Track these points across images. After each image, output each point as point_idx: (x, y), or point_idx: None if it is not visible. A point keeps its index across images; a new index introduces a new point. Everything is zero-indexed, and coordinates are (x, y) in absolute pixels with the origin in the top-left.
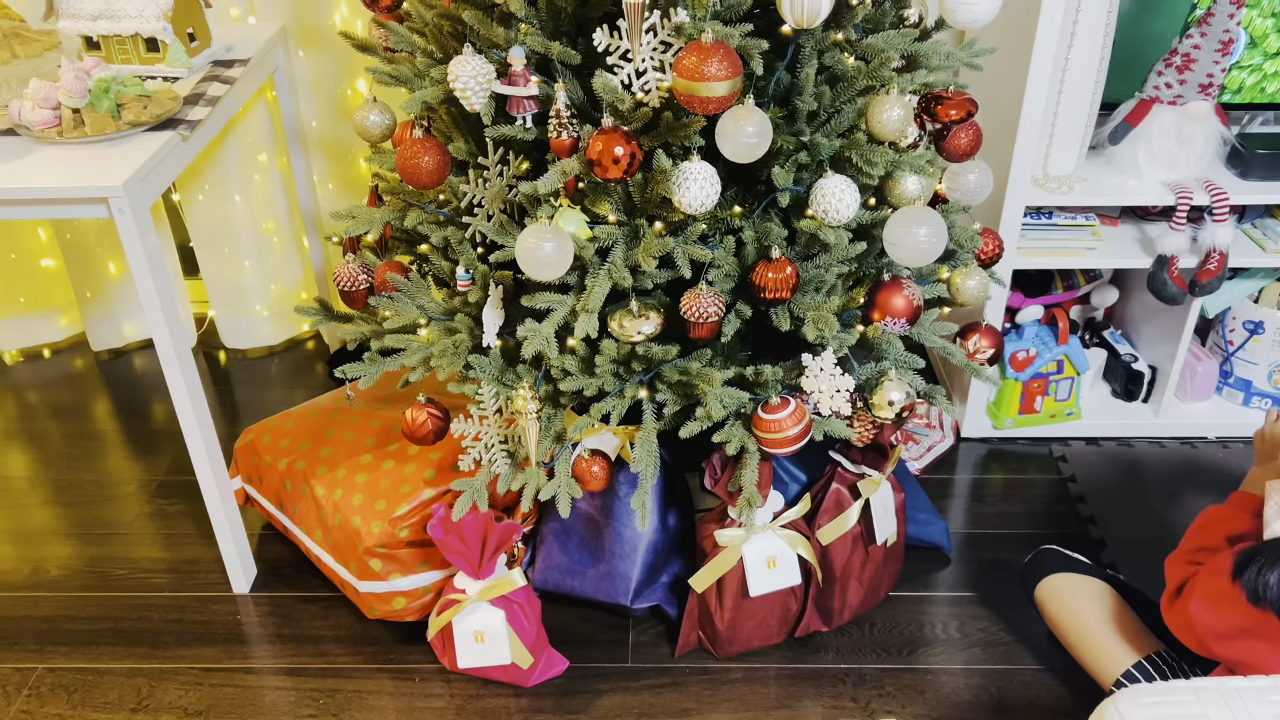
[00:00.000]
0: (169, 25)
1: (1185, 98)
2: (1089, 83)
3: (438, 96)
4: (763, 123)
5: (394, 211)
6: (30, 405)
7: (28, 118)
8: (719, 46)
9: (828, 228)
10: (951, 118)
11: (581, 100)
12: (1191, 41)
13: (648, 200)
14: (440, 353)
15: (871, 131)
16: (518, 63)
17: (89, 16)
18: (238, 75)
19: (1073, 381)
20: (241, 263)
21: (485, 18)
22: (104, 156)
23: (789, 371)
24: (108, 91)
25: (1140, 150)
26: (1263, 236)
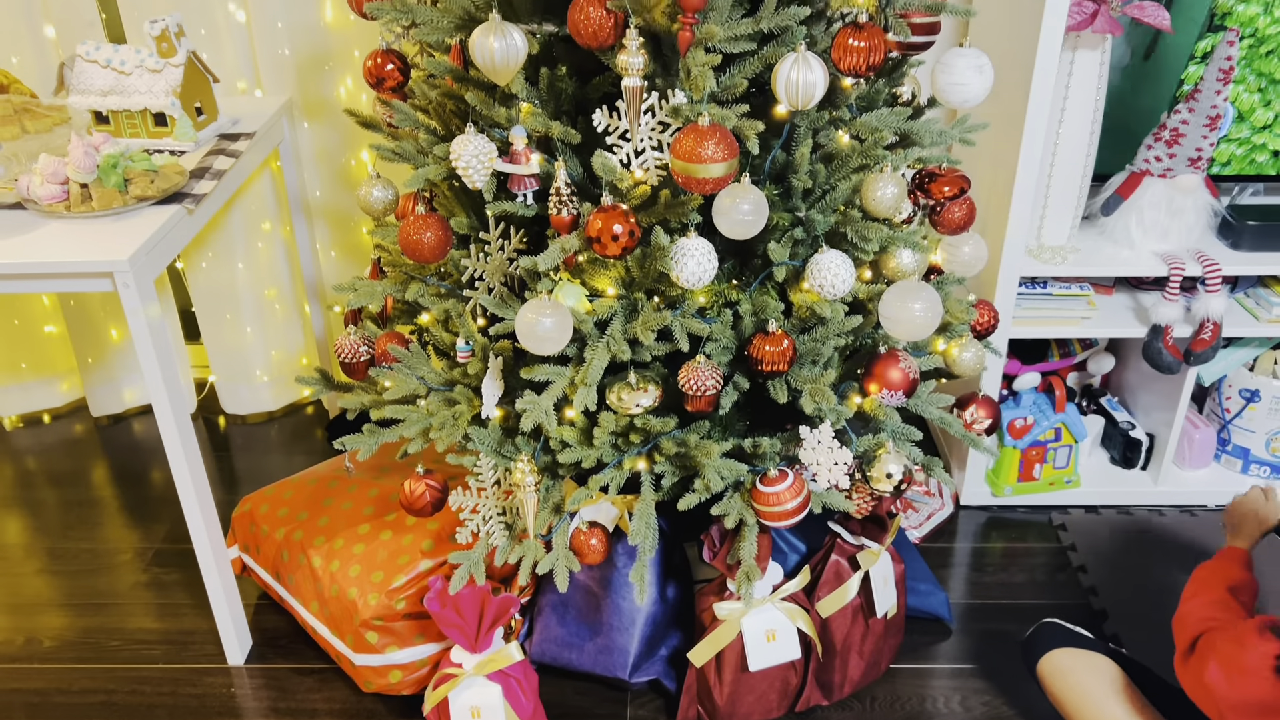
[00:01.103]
0: (177, 101)
1: (1175, 171)
2: (1080, 156)
3: (440, 174)
4: (759, 201)
5: (396, 284)
6: (29, 471)
7: (36, 192)
8: (715, 129)
9: (824, 302)
10: (945, 194)
11: (581, 177)
12: (1179, 117)
13: (646, 275)
14: (439, 424)
15: (866, 208)
16: (519, 141)
17: (99, 92)
18: (243, 148)
19: (1071, 449)
20: (243, 328)
21: (487, 98)
22: (110, 230)
23: (787, 443)
24: (115, 167)
25: (1132, 221)
26: (1256, 306)
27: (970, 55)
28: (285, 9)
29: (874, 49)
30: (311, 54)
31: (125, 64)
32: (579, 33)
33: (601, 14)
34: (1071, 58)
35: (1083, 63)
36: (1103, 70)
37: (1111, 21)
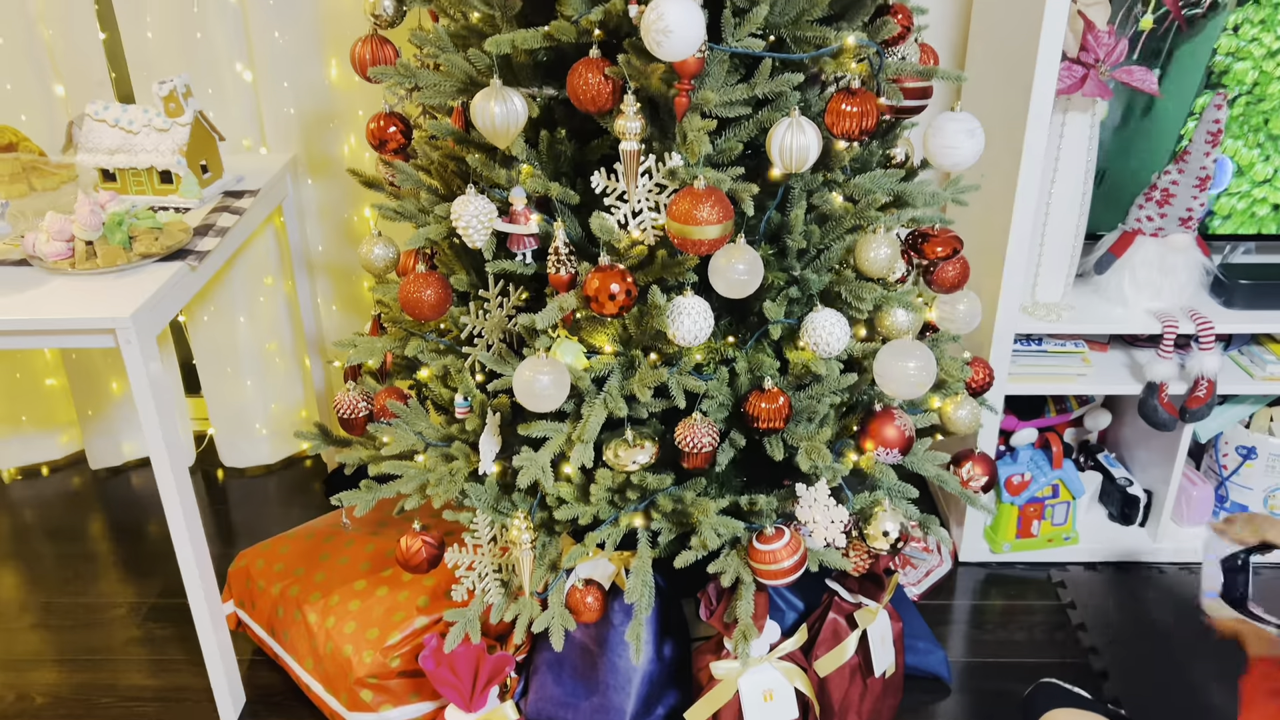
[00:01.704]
0: (183, 159)
1: (1166, 230)
2: (1072, 215)
3: (441, 233)
4: (754, 261)
5: (396, 340)
6: (26, 524)
7: (42, 249)
8: (711, 192)
9: (819, 360)
10: (938, 255)
11: (580, 236)
12: (1170, 177)
13: (643, 332)
14: (436, 480)
15: (860, 268)
16: (519, 202)
17: (107, 150)
18: (247, 205)
19: (1069, 505)
20: (243, 382)
21: (488, 160)
22: (114, 287)
23: (783, 500)
24: (121, 224)
25: (1125, 279)
26: (1250, 363)
27: (962, 119)
28: (291, 69)
29: (866, 114)
30: (316, 112)
31: (133, 123)
32: (578, 98)
33: (600, 80)
34: (1062, 120)
35: (1074, 124)
36: (1093, 132)
37: (1101, 86)
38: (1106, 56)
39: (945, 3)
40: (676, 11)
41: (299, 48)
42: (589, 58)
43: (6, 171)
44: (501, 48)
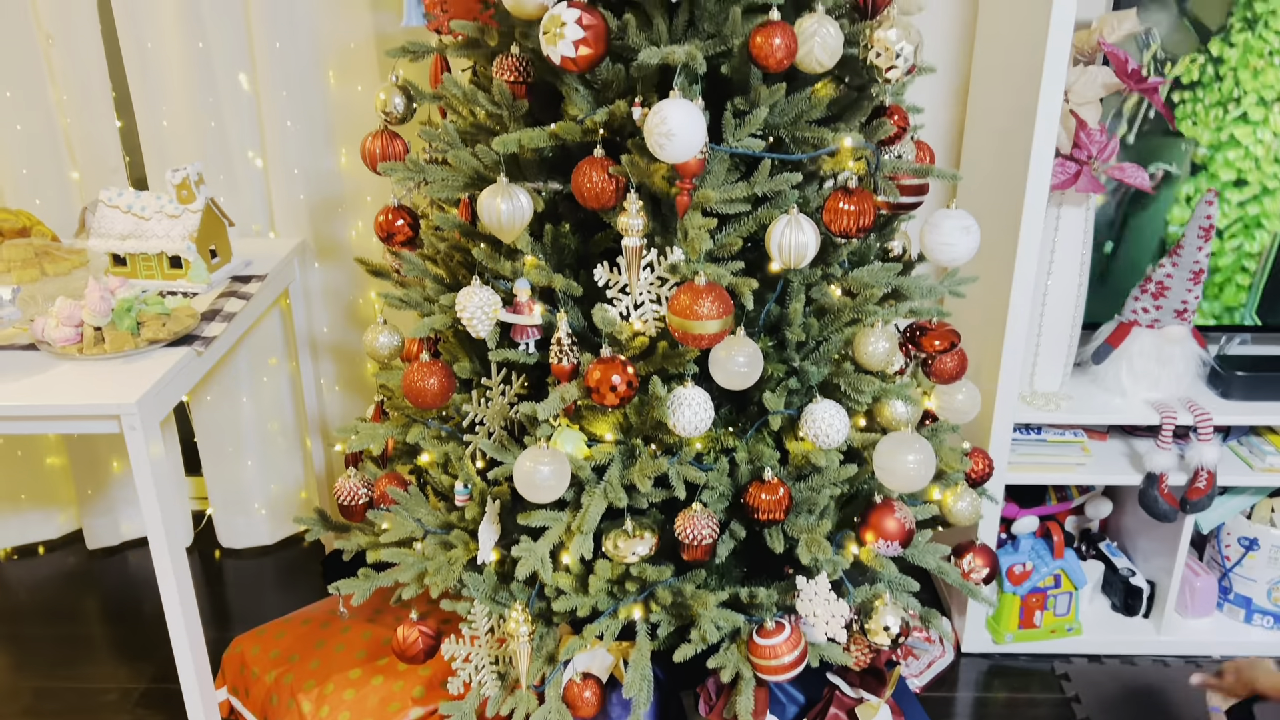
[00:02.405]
0: (193, 245)
1: (1162, 322)
2: (1069, 306)
3: (445, 323)
4: (754, 354)
5: (398, 426)
6: (19, 605)
7: (50, 335)
8: (711, 288)
9: (819, 451)
10: (936, 348)
11: (582, 326)
12: (1164, 270)
13: (644, 422)
14: (435, 569)
15: (858, 361)
16: (523, 293)
17: (119, 236)
18: (254, 290)
19: (1071, 596)
20: (244, 462)
21: (494, 252)
22: (120, 372)
23: (784, 593)
24: (130, 310)
25: (1123, 370)
26: (1249, 454)
27: (957, 216)
28: (301, 155)
29: (864, 212)
30: (325, 198)
31: (145, 209)
32: (582, 195)
33: (604, 179)
34: (1057, 213)
35: (1068, 218)
36: (1088, 225)
37: (1094, 181)
38: (1099, 153)
39: (941, 100)
40: (679, 116)
41: (310, 136)
42: (593, 157)
43: (19, 256)
44: (509, 147)
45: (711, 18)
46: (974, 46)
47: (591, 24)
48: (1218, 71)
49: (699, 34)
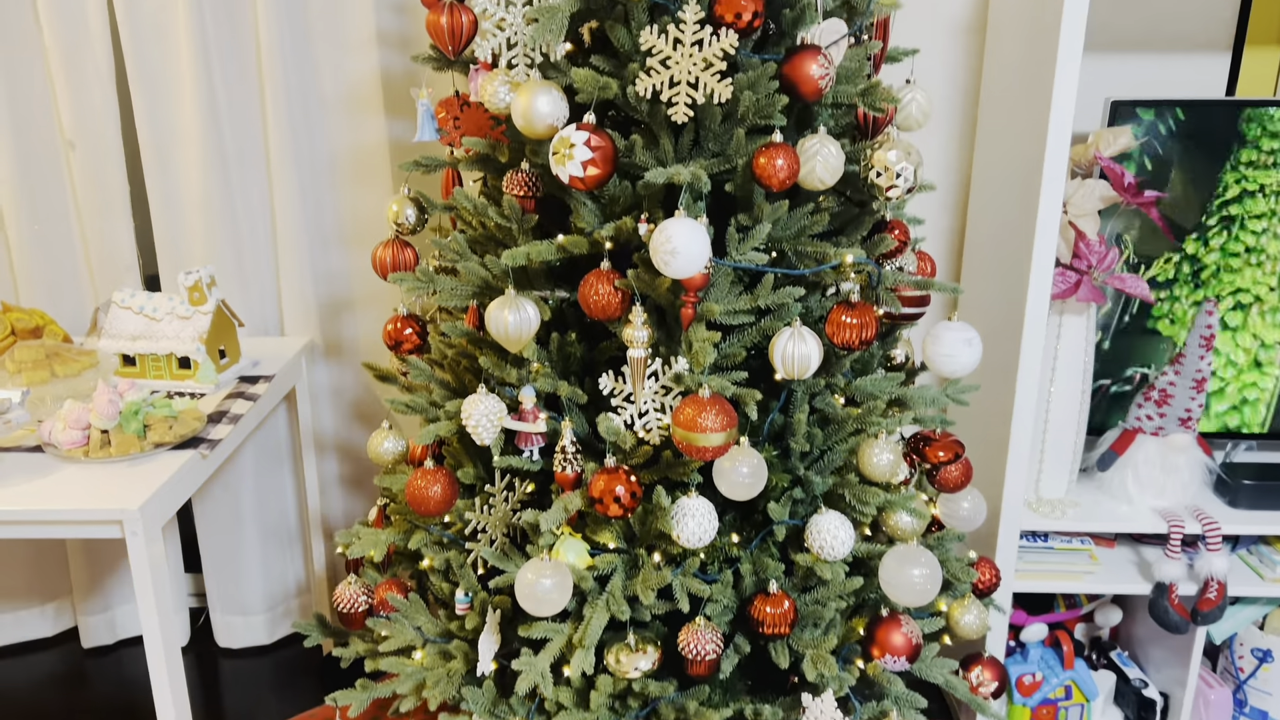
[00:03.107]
0: (202, 346)
1: (1166, 430)
2: (1073, 412)
3: (451, 430)
4: (758, 465)
5: (399, 532)
6: (9, 705)
7: (57, 437)
8: (715, 401)
9: (824, 563)
10: (940, 459)
11: (586, 433)
12: (1167, 379)
13: (647, 531)
14: (433, 681)
15: (863, 472)
16: (528, 401)
17: (129, 336)
18: (261, 391)
19: (1083, 708)
20: (244, 560)
21: (500, 360)
22: (125, 477)
23: (789, 710)
24: (137, 413)
25: (1129, 477)
26: (1259, 564)
27: (959, 329)
28: (313, 256)
29: (865, 326)
30: (334, 298)
31: (157, 311)
32: (589, 307)
33: (610, 291)
34: (1059, 321)
35: (1070, 326)
36: (1089, 333)
37: (1095, 291)
38: (1099, 263)
39: (942, 206)
40: (683, 235)
41: (322, 237)
42: (600, 269)
43: (30, 358)
44: (517, 260)
45: (716, 137)
46: (973, 158)
47: (599, 145)
48: (1195, 272)
49: (704, 153)
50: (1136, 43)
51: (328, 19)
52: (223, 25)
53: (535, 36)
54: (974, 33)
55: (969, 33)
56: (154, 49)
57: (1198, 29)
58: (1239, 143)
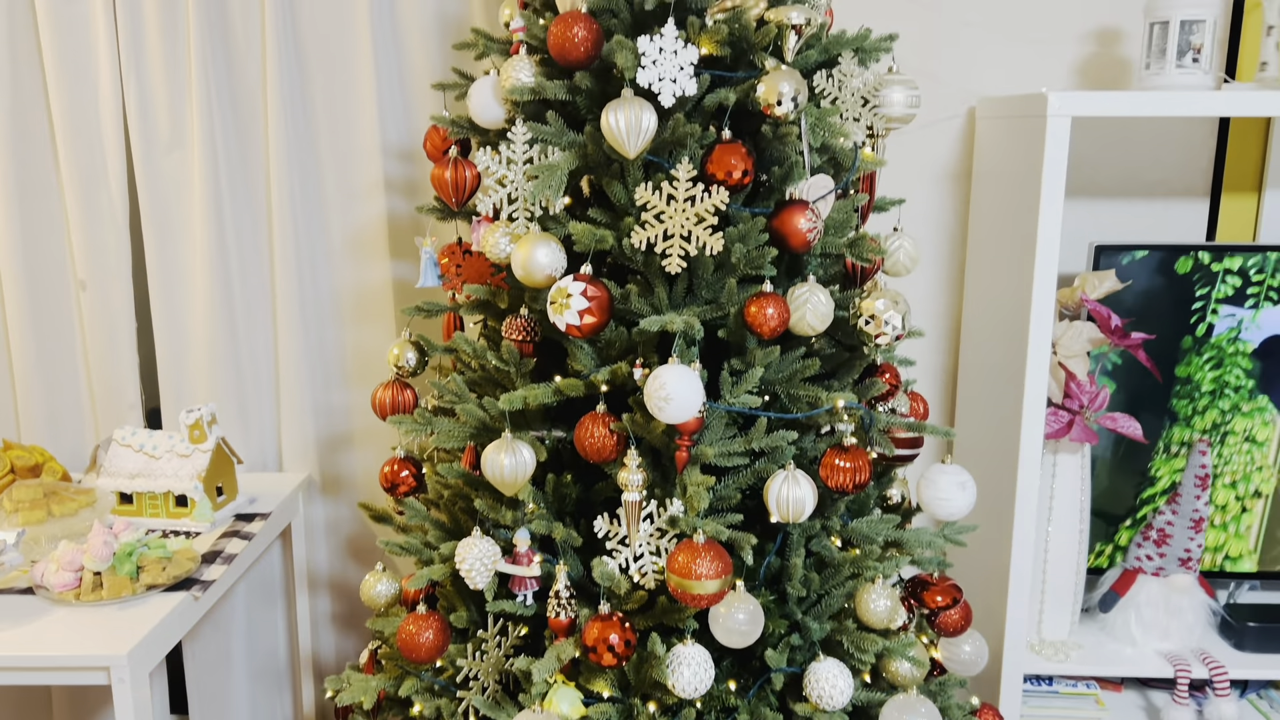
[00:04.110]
0: (200, 484)
1: (1167, 570)
2: (1072, 552)
3: (444, 574)
4: (754, 611)
5: (390, 678)
6: None
7: (49, 580)
8: (710, 546)
9: (823, 713)
10: (938, 604)
11: (581, 576)
12: (1164, 518)
13: (642, 679)
14: None
15: (860, 618)
16: (522, 544)
17: (128, 475)
18: (257, 530)
19: None
20: (232, 702)
21: (495, 502)
22: (115, 620)
23: None
24: (131, 555)
25: (1131, 619)
26: (1270, 709)
27: (952, 472)
28: (314, 391)
29: (859, 470)
30: (333, 434)
31: (157, 449)
32: (584, 449)
33: (605, 434)
34: (1054, 460)
35: (1065, 465)
36: (1084, 472)
37: (1087, 431)
38: (1090, 403)
39: (934, 345)
40: (676, 382)
41: (324, 374)
42: (595, 412)
43: (28, 497)
44: (514, 404)
45: (709, 286)
46: (963, 299)
47: (595, 295)
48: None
49: (697, 300)
50: (1119, 189)
51: (337, 167)
52: (236, 172)
53: (535, 192)
54: (960, 179)
55: (955, 179)
56: (169, 193)
57: (1176, 176)
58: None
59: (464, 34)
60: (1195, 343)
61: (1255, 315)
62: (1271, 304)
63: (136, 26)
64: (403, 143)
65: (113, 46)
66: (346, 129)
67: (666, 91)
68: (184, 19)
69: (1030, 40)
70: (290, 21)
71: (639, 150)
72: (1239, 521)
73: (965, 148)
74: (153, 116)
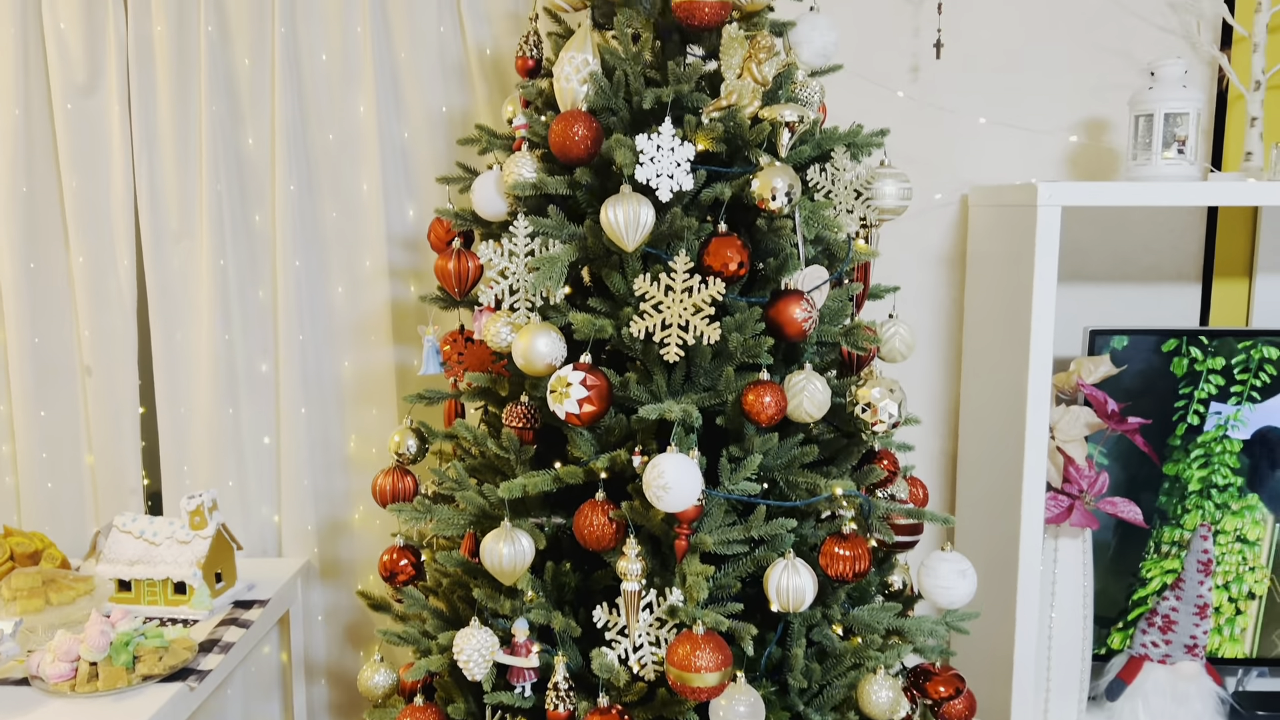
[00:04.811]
0: (199, 571)
1: (1173, 657)
2: (1076, 638)
3: (442, 665)
4: (755, 703)
5: None
6: None
7: (45, 670)
8: (710, 638)
9: None
10: (941, 694)
11: (580, 666)
12: (1169, 604)
13: None
14: None
15: (863, 710)
16: (521, 634)
17: (127, 561)
18: (255, 617)
19: None
20: None
21: (494, 591)
22: (109, 712)
23: None
24: (128, 644)
25: (1139, 708)
26: None
27: (952, 560)
28: (315, 476)
29: (859, 558)
30: (334, 519)
31: (156, 535)
32: (583, 537)
33: (604, 522)
34: (1055, 545)
35: (1066, 550)
36: (1086, 557)
37: (1087, 516)
38: (1090, 488)
39: (933, 429)
40: (675, 470)
41: (325, 459)
42: (594, 500)
43: (26, 585)
44: (513, 492)
45: (707, 374)
46: (960, 382)
47: (595, 384)
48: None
49: (695, 387)
50: (1112, 273)
51: (343, 256)
52: (243, 259)
53: (536, 283)
54: (954, 264)
55: (950, 263)
56: (176, 281)
57: (1167, 261)
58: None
59: (469, 128)
60: (1183, 440)
61: (1237, 414)
62: (1254, 403)
63: (149, 121)
64: (407, 232)
65: (126, 139)
66: (353, 218)
67: (664, 187)
68: (196, 114)
69: (1021, 130)
70: (299, 115)
71: (637, 244)
72: (1234, 624)
73: (959, 233)
74: (163, 206)
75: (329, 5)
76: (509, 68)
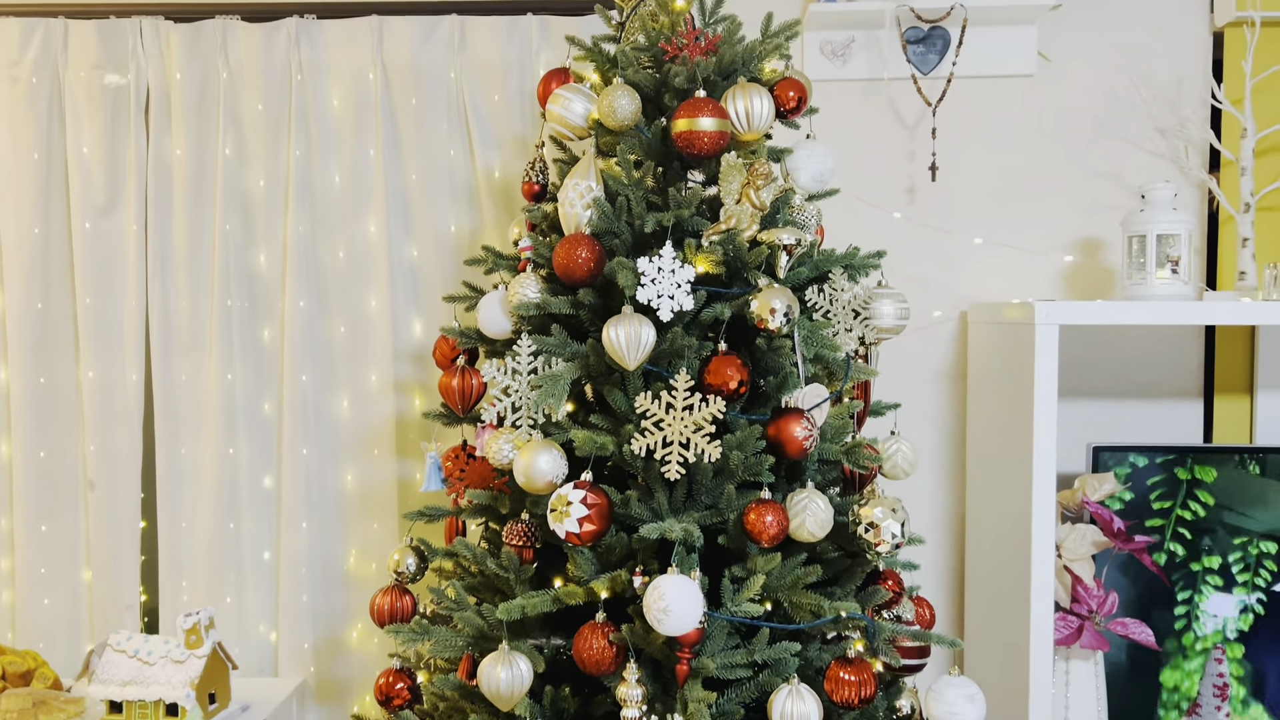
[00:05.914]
0: (193, 693)
1: None
2: None
3: None
4: None
5: None
6: None
7: None
8: None
9: None
10: None
11: None
12: None
13: None
14: None
15: None
16: None
17: (119, 682)
18: None
19: None
20: None
21: (491, 718)
22: None
23: None
24: None
25: None
26: None
27: (960, 685)
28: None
29: (864, 683)
30: (331, 637)
31: (151, 654)
32: (583, 661)
33: (604, 645)
34: (1066, 668)
35: (1078, 673)
36: (1099, 680)
37: (1098, 637)
38: (1099, 608)
39: (939, 546)
40: (675, 593)
41: (325, 576)
42: (594, 622)
43: (16, 707)
44: (512, 614)
45: (708, 491)
46: (965, 499)
47: (595, 503)
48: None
49: (697, 505)
50: (1113, 390)
51: (349, 371)
52: (251, 375)
53: (539, 401)
54: (956, 379)
55: (951, 379)
56: (183, 395)
57: (1168, 378)
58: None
59: (476, 248)
60: (1180, 648)
61: (1244, 618)
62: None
63: (164, 239)
64: (414, 347)
65: (141, 257)
66: (360, 334)
67: (665, 307)
68: (210, 232)
69: (1018, 250)
70: (310, 234)
71: (639, 362)
72: None
73: (959, 349)
74: (174, 321)
75: (344, 129)
76: (516, 189)
